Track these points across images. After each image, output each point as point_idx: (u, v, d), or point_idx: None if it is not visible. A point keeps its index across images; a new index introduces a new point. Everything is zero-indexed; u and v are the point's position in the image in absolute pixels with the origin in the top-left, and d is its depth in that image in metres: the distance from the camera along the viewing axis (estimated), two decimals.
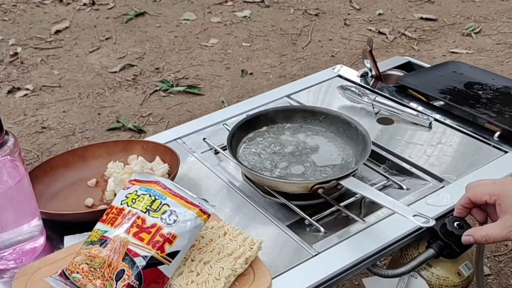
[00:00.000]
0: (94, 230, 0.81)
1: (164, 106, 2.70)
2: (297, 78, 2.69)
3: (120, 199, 0.83)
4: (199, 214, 0.80)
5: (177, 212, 0.80)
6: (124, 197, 0.83)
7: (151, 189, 0.82)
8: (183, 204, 0.81)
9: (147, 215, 0.79)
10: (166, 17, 3.59)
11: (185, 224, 0.79)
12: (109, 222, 0.81)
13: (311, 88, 1.40)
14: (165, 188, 0.83)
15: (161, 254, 0.76)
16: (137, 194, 0.82)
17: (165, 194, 0.82)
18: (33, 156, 2.38)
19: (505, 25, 3.32)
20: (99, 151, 1.12)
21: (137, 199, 0.82)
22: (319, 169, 1.03)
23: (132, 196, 0.83)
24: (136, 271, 0.74)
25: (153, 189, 0.82)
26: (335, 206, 0.98)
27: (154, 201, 0.81)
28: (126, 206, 0.81)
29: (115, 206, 0.83)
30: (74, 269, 0.77)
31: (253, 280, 0.81)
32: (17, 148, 0.84)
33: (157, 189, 0.83)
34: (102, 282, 0.75)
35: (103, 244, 0.78)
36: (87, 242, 0.80)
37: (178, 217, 0.79)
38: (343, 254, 0.88)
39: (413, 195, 1.01)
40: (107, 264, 0.76)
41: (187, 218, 0.79)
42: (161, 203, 0.80)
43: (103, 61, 3.10)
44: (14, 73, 3.00)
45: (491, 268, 1.77)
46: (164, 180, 0.84)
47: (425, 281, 0.95)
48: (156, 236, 0.77)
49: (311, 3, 3.70)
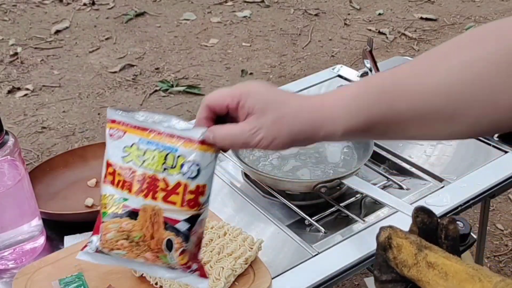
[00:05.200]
0: (107, 195, 0.72)
1: (164, 106, 2.70)
2: (297, 78, 2.69)
3: (118, 154, 0.72)
4: (214, 151, 0.71)
5: (196, 161, 0.70)
6: (123, 152, 0.72)
7: (153, 142, 0.72)
8: (197, 148, 0.71)
9: (167, 175, 0.70)
10: (166, 17, 3.59)
11: (208, 170, 0.70)
12: (121, 186, 0.71)
13: (311, 88, 1.40)
14: (161, 134, 0.71)
15: (198, 208, 0.70)
16: (139, 149, 0.72)
17: (170, 143, 0.71)
18: (33, 156, 2.38)
19: None
20: (99, 151, 1.11)
21: (143, 157, 0.72)
22: (321, 168, 1.03)
23: (134, 151, 0.72)
24: (184, 236, 0.69)
25: (156, 141, 0.72)
26: (335, 206, 0.98)
27: (167, 156, 0.71)
28: (135, 166, 0.71)
29: (117, 164, 0.72)
30: (113, 247, 0.70)
31: (253, 280, 0.81)
32: (17, 148, 0.84)
33: (158, 140, 0.72)
34: (153, 254, 0.70)
35: (133, 216, 0.70)
36: (108, 215, 0.71)
37: (199, 166, 0.70)
38: (343, 254, 0.88)
39: (413, 195, 1.01)
40: (149, 236, 0.69)
41: (207, 162, 0.70)
42: (174, 157, 0.71)
43: (103, 61, 3.10)
44: (14, 73, 3.00)
45: (491, 268, 1.76)
46: (148, 116, 0.73)
47: None
48: (187, 195, 0.69)
49: (311, 3, 3.70)
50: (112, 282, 0.82)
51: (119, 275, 0.83)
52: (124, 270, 0.84)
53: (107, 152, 0.73)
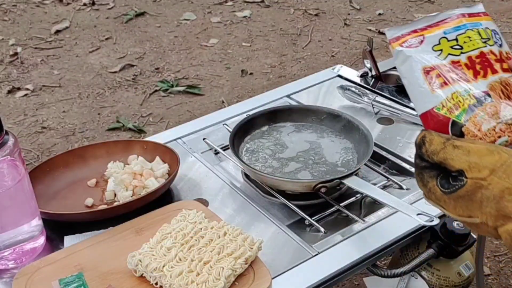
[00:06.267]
0: (450, 97, 0.69)
1: (164, 106, 2.70)
2: (297, 78, 2.69)
3: (430, 57, 0.71)
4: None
5: (495, 29, 0.73)
6: (433, 52, 0.72)
7: (457, 27, 0.73)
8: (486, 19, 0.73)
9: (490, 46, 0.71)
10: (166, 17, 3.59)
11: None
12: (456, 81, 0.69)
13: (311, 88, 1.40)
14: (447, 21, 0.73)
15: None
16: (449, 40, 0.72)
17: (469, 21, 0.73)
18: (33, 156, 2.38)
19: (505, 25, 3.32)
20: (99, 151, 1.12)
21: (457, 44, 0.71)
22: (321, 168, 1.03)
23: (444, 45, 0.72)
24: None
25: (459, 26, 0.72)
26: (335, 206, 0.98)
27: (479, 32, 0.72)
28: (455, 57, 0.71)
29: (435, 66, 0.71)
30: (495, 137, 0.67)
31: (253, 280, 0.81)
32: (17, 148, 0.84)
33: (456, 24, 0.73)
34: None
35: (478, 103, 0.67)
36: (466, 110, 0.68)
37: (499, 34, 0.72)
38: (343, 254, 0.88)
39: (413, 195, 1.00)
40: None
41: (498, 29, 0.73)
42: (484, 31, 0.72)
43: (103, 61, 3.10)
44: (14, 73, 3.00)
45: (491, 268, 1.77)
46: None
47: (425, 281, 0.96)
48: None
49: (311, 3, 3.70)
50: (112, 282, 0.82)
51: (119, 275, 0.83)
52: (124, 270, 0.84)
53: (411, 66, 0.72)
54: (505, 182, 0.57)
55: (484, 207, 0.59)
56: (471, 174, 0.59)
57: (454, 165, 0.61)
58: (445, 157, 0.62)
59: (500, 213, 0.58)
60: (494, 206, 0.58)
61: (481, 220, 0.60)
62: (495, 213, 0.58)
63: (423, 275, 0.96)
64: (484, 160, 0.59)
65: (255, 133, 1.14)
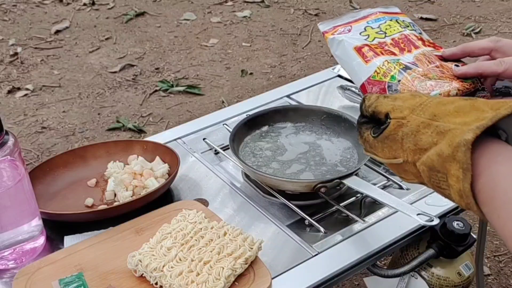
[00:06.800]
0: (382, 65, 0.83)
1: (164, 106, 2.70)
2: (297, 78, 2.69)
3: (360, 39, 0.85)
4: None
5: (412, 22, 0.86)
6: (362, 36, 0.85)
7: (379, 19, 0.89)
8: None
9: (409, 30, 0.85)
10: (166, 17, 3.59)
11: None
12: (387, 53, 0.82)
13: (311, 88, 1.40)
14: (371, 15, 0.90)
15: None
16: (373, 28, 0.85)
17: (388, 15, 0.90)
18: (33, 156, 2.38)
19: (505, 25, 3.32)
20: (99, 151, 1.12)
21: (381, 31, 0.85)
22: (321, 168, 1.03)
23: (370, 31, 0.85)
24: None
25: (379, 18, 0.88)
26: (335, 206, 0.98)
27: (397, 21, 0.88)
28: (381, 39, 0.84)
29: (366, 44, 0.85)
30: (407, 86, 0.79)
31: (253, 280, 0.81)
32: (17, 148, 0.84)
33: (379, 16, 0.88)
34: (460, 84, 0.80)
35: (407, 68, 0.79)
36: (396, 75, 0.81)
37: (415, 26, 0.86)
38: (343, 254, 0.88)
39: (413, 195, 1.00)
40: (442, 67, 0.79)
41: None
42: (401, 20, 0.87)
43: (103, 61, 3.10)
44: (14, 73, 3.00)
45: (491, 268, 1.77)
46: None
47: (425, 281, 0.96)
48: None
49: (311, 3, 3.70)
50: (112, 282, 0.82)
51: (119, 275, 0.83)
52: (124, 270, 0.84)
53: (344, 48, 0.86)
54: (421, 118, 0.62)
55: (404, 143, 0.63)
56: (394, 115, 0.65)
57: (381, 110, 0.67)
58: (376, 105, 0.69)
59: (417, 147, 0.62)
60: (412, 140, 0.62)
61: (403, 159, 0.65)
62: (413, 147, 0.62)
63: (423, 275, 0.96)
64: (406, 102, 0.65)
65: (255, 133, 1.13)
